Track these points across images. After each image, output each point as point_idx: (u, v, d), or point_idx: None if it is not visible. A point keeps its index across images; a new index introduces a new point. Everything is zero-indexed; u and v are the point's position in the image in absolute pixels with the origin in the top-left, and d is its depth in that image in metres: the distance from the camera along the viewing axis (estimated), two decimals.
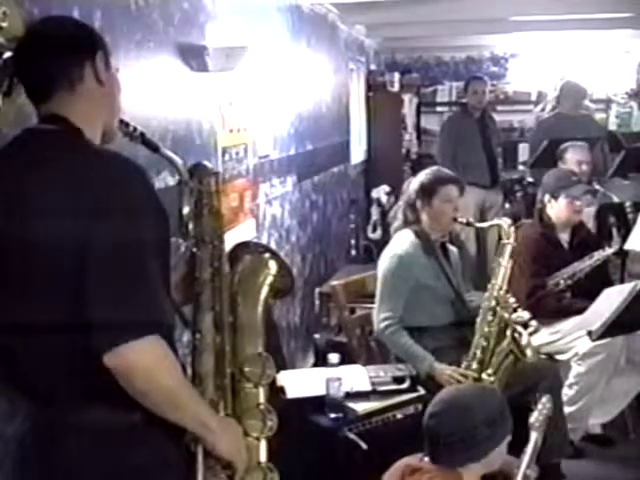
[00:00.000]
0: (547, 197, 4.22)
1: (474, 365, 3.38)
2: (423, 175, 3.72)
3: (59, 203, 1.59)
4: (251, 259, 2.04)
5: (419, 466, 2.41)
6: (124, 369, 1.58)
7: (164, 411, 1.65)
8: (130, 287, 1.59)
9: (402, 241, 3.65)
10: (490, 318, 3.44)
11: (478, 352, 3.40)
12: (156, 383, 1.62)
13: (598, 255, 4.06)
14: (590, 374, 3.83)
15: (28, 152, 1.69)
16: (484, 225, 4.41)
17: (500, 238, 4.05)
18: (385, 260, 3.65)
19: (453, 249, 3.84)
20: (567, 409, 3.78)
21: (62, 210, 1.59)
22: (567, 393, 3.84)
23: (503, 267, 3.55)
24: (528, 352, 3.30)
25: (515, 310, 3.49)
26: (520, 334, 3.32)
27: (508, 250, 3.59)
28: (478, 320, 3.46)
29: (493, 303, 3.46)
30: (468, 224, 3.95)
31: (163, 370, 1.63)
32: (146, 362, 1.59)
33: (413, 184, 3.72)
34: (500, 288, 3.49)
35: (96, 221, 1.58)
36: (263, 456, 1.89)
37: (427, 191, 3.65)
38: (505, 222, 3.72)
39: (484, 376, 3.36)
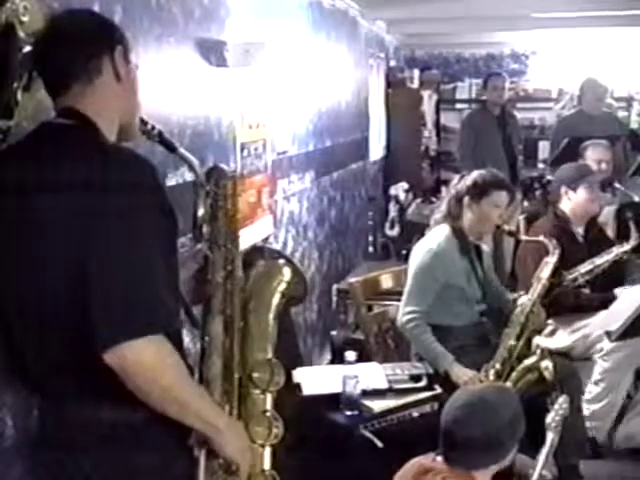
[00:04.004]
0: (564, 189, 4.16)
1: (491, 376, 3.36)
2: (479, 173, 3.66)
3: (66, 198, 1.59)
4: (265, 265, 2.02)
5: (431, 466, 2.39)
6: (124, 367, 1.57)
7: (167, 409, 1.64)
8: (134, 285, 1.58)
9: (438, 237, 3.61)
10: (517, 333, 3.43)
11: (498, 364, 3.39)
12: (157, 382, 1.61)
13: (617, 250, 4.02)
14: (616, 370, 3.78)
15: (41, 146, 1.69)
16: (527, 238, 4.10)
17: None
18: (419, 254, 3.61)
19: (486, 250, 3.81)
20: (592, 406, 3.76)
21: (67, 206, 1.59)
22: (592, 390, 3.81)
23: (542, 284, 3.54)
24: (546, 374, 3.28)
25: (540, 331, 3.48)
26: (545, 356, 3.30)
27: (550, 268, 3.58)
28: (505, 331, 3.46)
29: (523, 319, 3.45)
30: (510, 234, 3.91)
31: (164, 369, 1.61)
32: (146, 361, 1.58)
33: (466, 180, 3.66)
34: (534, 304, 3.48)
35: (101, 218, 1.57)
36: (267, 463, 1.87)
37: (479, 190, 3.59)
38: (551, 242, 3.66)
39: None
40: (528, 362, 3.33)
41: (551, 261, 3.61)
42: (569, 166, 4.46)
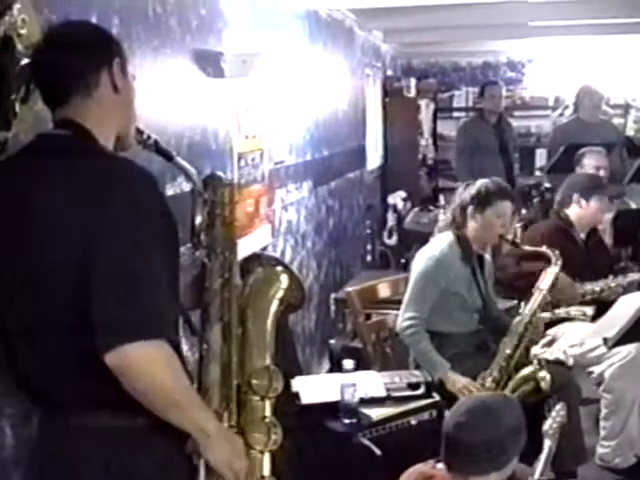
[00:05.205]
0: (576, 196, 4.16)
1: (488, 384, 3.38)
2: (484, 182, 3.66)
3: (67, 207, 1.62)
4: (263, 272, 2.03)
5: (432, 473, 2.39)
6: (126, 369, 1.58)
7: (162, 411, 1.66)
8: (135, 289, 1.60)
9: (441, 244, 3.62)
10: (515, 342, 3.44)
11: (495, 372, 3.40)
12: (156, 384, 1.62)
13: (632, 276, 4.00)
14: (624, 399, 3.72)
15: (39, 156, 1.71)
16: (529, 249, 3.99)
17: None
18: (421, 260, 3.61)
19: (488, 260, 3.81)
20: (609, 443, 3.73)
21: (70, 214, 1.61)
22: (605, 426, 3.76)
23: (542, 295, 3.54)
24: (542, 385, 3.28)
25: (537, 342, 3.49)
26: (542, 367, 3.30)
27: (551, 279, 3.58)
28: (503, 340, 3.47)
29: (521, 329, 3.46)
30: (514, 244, 3.91)
31: (164, 372, 1.63)
32: (147, 363, 1.60)
33: (471, 188, 3.66)
34: (534, 314, 3.49)
35: (103, 225, 1.59)
36: (266, 470, 1.87)
37: (483, 199, 3.59)
38: (553, 253, 3.66)
39: None
40: (525, 372, 3.34)
41: (552, 271, 3.60)
42: (582, 175, 4.51)
